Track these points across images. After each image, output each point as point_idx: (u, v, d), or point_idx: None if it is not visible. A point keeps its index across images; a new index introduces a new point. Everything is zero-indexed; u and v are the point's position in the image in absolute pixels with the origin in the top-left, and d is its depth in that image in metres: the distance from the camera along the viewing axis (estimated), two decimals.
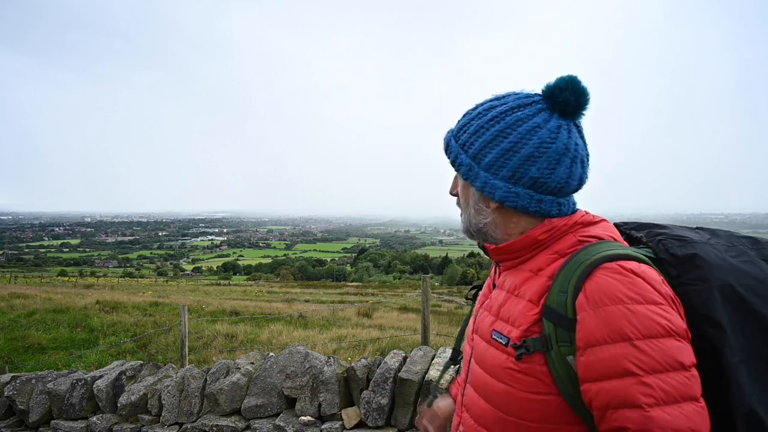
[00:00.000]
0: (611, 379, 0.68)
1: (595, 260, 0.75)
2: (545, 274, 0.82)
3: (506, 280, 0.91)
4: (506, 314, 0.86)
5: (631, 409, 0.66)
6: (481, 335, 0.92)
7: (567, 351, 0.74)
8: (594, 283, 0.73)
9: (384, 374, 2.80)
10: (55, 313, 9.51)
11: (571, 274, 0.77)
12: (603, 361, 0.69)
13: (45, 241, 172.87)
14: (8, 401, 3.51)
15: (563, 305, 0.75)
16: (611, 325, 0.69)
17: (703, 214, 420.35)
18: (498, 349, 0.84)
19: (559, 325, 0.75)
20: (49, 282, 28.61)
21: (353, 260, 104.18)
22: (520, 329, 0.80)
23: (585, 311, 0.72)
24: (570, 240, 0.83)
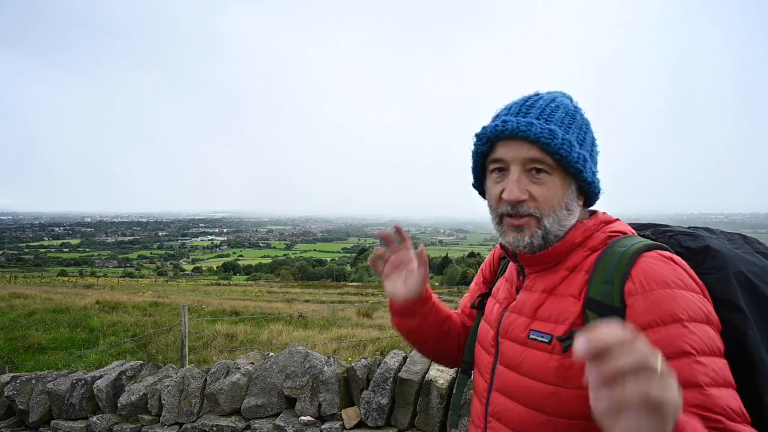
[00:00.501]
0: (669, 360, 0.68)
1: (636, 249, 0.78)
2: (582, 269, 0.84)
3: (536, 282, 0.90)
4: (546, 314, 0.84)
5: (690, 389, 0.66)
6: (512, 338, 0.88)
7: None
8: (640, 269, 0.75)
9: (384, 374, 2.80)
10: (55, 313, 9.51)
11: (613, 264, 0.78)
12: (658, 342, 0.69)
13: (45, 241, 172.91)
14: (8, 401, 3.51)
15: (609, 295, 0.76)
16: (662, 308, 0.71)
17: (703, 214, 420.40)
18: (539, 349, 0.82)
19: (604, 315, 0.76)
20: (49, 282, 28.61)
21: (353, 260, 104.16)
22: (566, 324, 0.80)
23: (634, 296, 0.73)
24: (600, 237, 0.86)
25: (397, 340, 6.61)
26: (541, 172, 0.83)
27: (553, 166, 0.82)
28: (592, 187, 0.86)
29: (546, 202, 0.83)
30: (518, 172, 0.83)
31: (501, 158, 0.85)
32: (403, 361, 2.95)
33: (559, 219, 0.84)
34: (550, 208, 0.83)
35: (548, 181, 0.83)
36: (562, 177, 0.84)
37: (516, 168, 0.83)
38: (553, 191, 0.83)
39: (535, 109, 0.84)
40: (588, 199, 0.90)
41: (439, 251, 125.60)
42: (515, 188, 0.82)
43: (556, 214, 0.84)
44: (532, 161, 0.82)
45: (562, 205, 0.84)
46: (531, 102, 0.86)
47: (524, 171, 0.83)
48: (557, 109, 0.85)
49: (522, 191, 0.82)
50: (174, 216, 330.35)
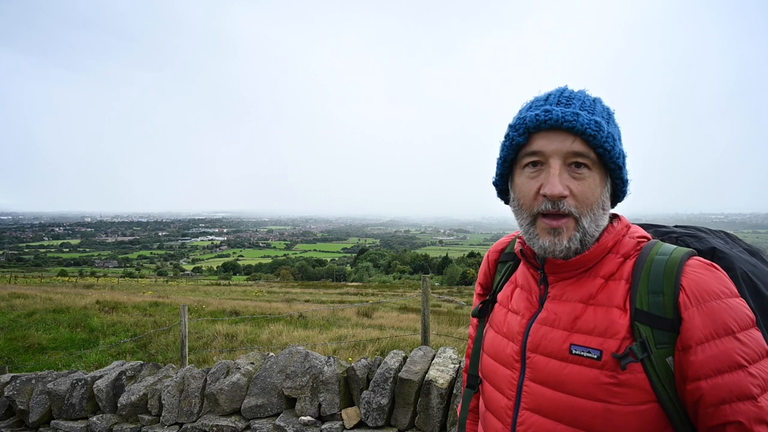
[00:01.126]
0: (724, 374, 0.69)
1: (680, 258, 0.77)
2: (621, 277, 0.80)
3: (566, 291, 0.84)
4: (588, 326, 0.79)
5: (745, 401, 0.68)
6: (548, 353, 0.81)
7: (666, 353, 0.73)
8: (691, 280, 0.74)
9: (384, 374, 2.80)
10: (55, 313, 9.51)
11: (660, 273, 0.76)
12: (715, 357, 0.69)
13: (45, 241, 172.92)
14: (8, 401, 3.51)
15: (660, 306, 0.74)
16: (716, 321, 0.71)
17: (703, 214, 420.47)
18: (584, 365, 0.77)
19: (656, 327, 0.73)
20: (49, 282, 28.61)
21: (353, 260, 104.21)
22: (617, 338, 0.75)
23: (689, 309, 0.72)
24: (630, 242, 0.83)
25: (397, 340, 6.62)
26: (582, 167, 0.77)
27: (594, 161, 0.78)
28: (626, 186, 0.84)
29: (585, 200, 0.78)
30: (559, 165, 0.77)
31: (540, 150, 0.79)
32: (403, 361, 2.95)
33: (596, 218, 0.80)
34: (589, 206, 0.78)
35: (589, 177, 0.78)
36: (601, 174, 0.79)
37: (557, 161, 0.77)
38: (592, 188, 0.78)
39: (576, 101, 0.80)
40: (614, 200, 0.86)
41: (439, 251, 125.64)
42: (558, 182, 0.76)
43: (594, 213, 0.79)
44: (574, 155, 0.77)
45: (600, 204, 0.80)
46: (569, 93, 0.82)
47: (564, 165, 0.78)
48: (597, 102, 0.82)
49: (564, 186, 0.77)
50: (174, 216, 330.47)
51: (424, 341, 4.43)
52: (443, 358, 2.93)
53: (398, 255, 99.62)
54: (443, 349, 3.11)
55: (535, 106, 0.82)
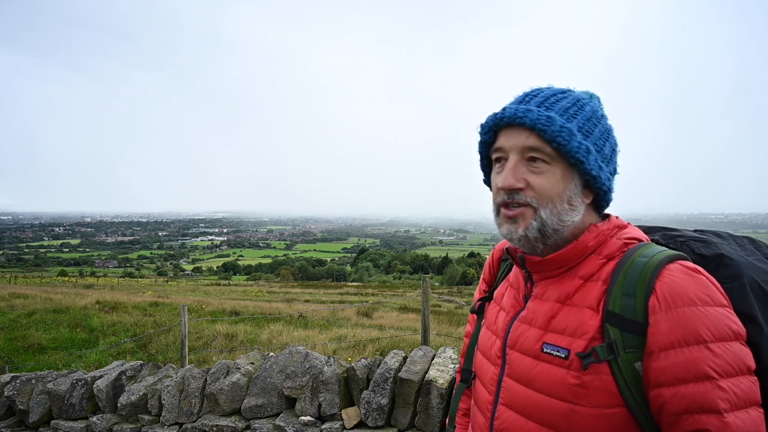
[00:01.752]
0: (688, 383, 0.67)
1: (659, 261, 0.74)
2: (599, 279, 0.79)
3: (547, 290, 0.85)
4: (560, 325, 0.79)
5: (709, 414, 0.65)
6: (523, 351, 0.83)
7: (635, 357, 0.71)
8: (665, 284, 0.71)
9: (384, 374, 2.80)
10: (55, 313, 9.51)
11: (635, 276, 0.74)
12: (679, 365, 0.67)
13: (45, 241, 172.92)
14: (8, 401, 3.51)
15: (632, 309, 0.72)
16: (686, 328, 0.68)
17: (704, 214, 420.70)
18: (554, 364, 0.77)
19: (626, 330, 0.72)
20: (49, 282, 28.61)
21: (353, 260, 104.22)
22: (585, 338, 0.75)
23: (657, 314, 0.70)
24: (616, 243, 0.82)
25: (397, 340, 6.62)
26: (539, 161, 0.79)
27: (552, 156, 0.78)
28: (598, 183, 0.81)
29: (544, 192, 0.79)
30: (516, 159, 0.80)
31: (501, 147, 0.82)
32: (403, 361, 2.95)
33: (558, 212, 0.79)
34: (548, 198, 0.79)
35: (547, 171, 0.79)
36: (563, 168, 0.79)
37: (514, 156, 0.80)
38: (552, 182, 0.79)
39: (538, 98, 0.82)
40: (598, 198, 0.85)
41: (439, 251, 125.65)
42: (510, 175, 0.79)
43: (555, 206, 0.79)
44: (530, 149, 0.79)
45: (563, 199, 0.79)
46: (537, 92, 0.84)
47: (523, 159, 0.80)
48: (563, 99, 0.82)
49: (518, 179, 0.79)
50: (174, 216, 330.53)
51: (424, 341, 4.43)
52: (443, 358, 2.93)
53: (398, 255, 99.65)
54: (443, 349, 3.12)
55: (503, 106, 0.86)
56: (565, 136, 0.77)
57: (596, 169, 0.80)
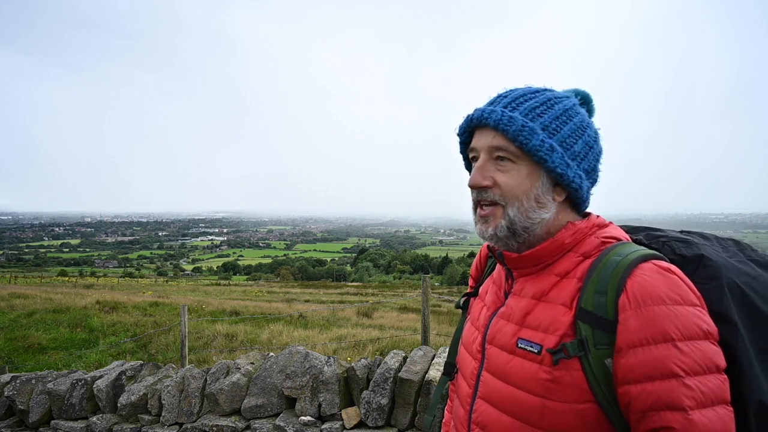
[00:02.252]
0: (654, 381, 0.68)
1: (632, 260, 0.75)
2: (574, 276, 0.80)
3: (525, 286, 0.87)
4: (535, 321, 0.81)
5: (674, 412, 0.66)
6: (500, 346, 0.85)
7: (605, 354, 0.72)
8: (636, 282, 0.72)
9: (384, 374, 2.80)
10: (55, 313, 9.51)
11: (608, 274, 0.75)
12: (646, 363, 0.68)
13: (45, 241, 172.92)
14: (8, 401, 3.51)
15: (602, 306, 0.73)
16: (654, 326, 0.69)
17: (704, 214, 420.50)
18: (527, 359, 0.79)
19: (597, 328, 0.73)
20: (49, 282, 28.61)
21: (353, 260, 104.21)
22: (556, 335, 0.77)
23: (627, 311, 0.71)
24: (593, 242, 0.83)
25: (397, 340, 6.62)
26: (505, 160, 0.82)
27: (517, 154, 0.81)
28: (566, 180, 0.81)
29: (510, 191, 0.81)
30: (484, 158, 0.84)
31: (473, 147, 0.86)
32: (403, 361, 2.95)
33: (525, 210, 0.81)
34: (515, 197, 0.81)
35: (513, 170, 0.82)
36: (529, 167, 0.81)
37: (483, 155, 0.84)
38: (518, 180, 0.81)
39: (506, 99, 0.84)
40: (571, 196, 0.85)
41: (439, 251, 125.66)
42: (477, 174, 0.83)
43: (522, 203, 0.81)
44: (496, 149, 0.82)
45: (530, 197, 0.82)
46: (508, 93, 0.86)
47: (491, 158, 0.83)
48: (531, 99, 0.84)
49: (485, 177, 0.82)
50: (174, 216, 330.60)
51: (424, 341, 4.43)
52: (443, 358, 2.93)
53: (398, 255, 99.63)
54: (443, 349, 3.11)
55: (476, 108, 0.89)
56: (527, 135, 0.79)
57: (562, 166, 0.81)
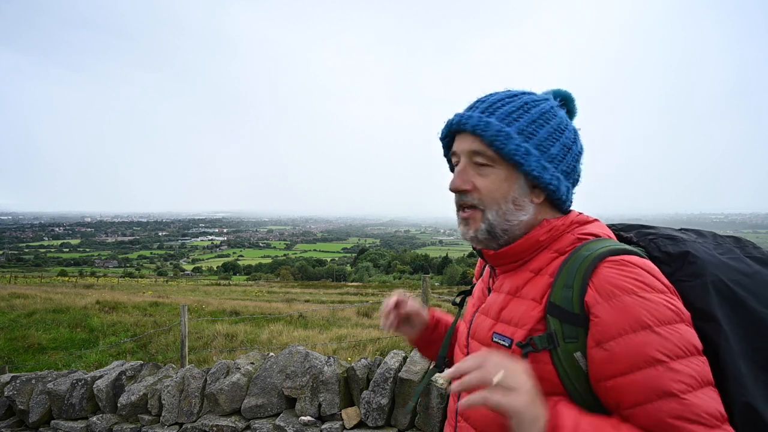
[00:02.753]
0: (641, 370, 0.67)
1: (599, 255, 0.76)
2: (546, 272, 0.82)
3: (504, 283, 0.89)
4: (508, 316, 0.83)
5: (666, 398, 0.65)
6: (479, 340, 0.88)
7: (574, 347, 0.74)
8: (601, 276, 0.73)
9: (384, 374, 2.80)
10: (55, 313, 9.51)
11: (575, 269, 0.77)
12: (627, 353, 0.67)
13: (45, 241, 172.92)
14: (8, 401, 3.51)
15: (569, 301, 0.75)
16: (628, 315, 0.69)
17: (704, 214, 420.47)
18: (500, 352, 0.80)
19: (565, 322, 0.75)
20: (49, 282, 28.60)
21: (353, 260, 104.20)
22: (525, 329, 0.79)
23: (598, 305, 0.72)
24: (569, 238, 0.84)
25: (398, 340, 6.62)
26: (484, 165, 0.84)
27: (494, 158, 0.83)
28: (543, 182, 0.83)
29: (489, 194, 0.83)
30: (464, 163, 0.85)
31: (455, 151, 0.88)
32: (403, 361, 2.95)
33: (504, 213, 0.83)
34: (494, 200, 0.83)
35: (491, 174, 0.83)
36: (507, 170, 0.83)
37: (463, 160, 0.86)
38: (496, 184, 0.83)
39: (484, 104, 0.86)
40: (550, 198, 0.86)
41: (439, 251, 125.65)
42: (457, 178, 0.85)
43: (500, 207, 0.83)
44: (474, 153, 0.84)
45: (508, 199, 0.83)
46: (486, 98, 0.88)
47: (470, 163, 0.85)
48: (509, 103, 0.85)
49: (465, 181, 0.84)
50: (174, 216, 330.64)
51: None
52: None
53: (398, 255, 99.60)
54: None
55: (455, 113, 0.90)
56: (502, 140, 0.81)
57: (538, 169, 0.82)
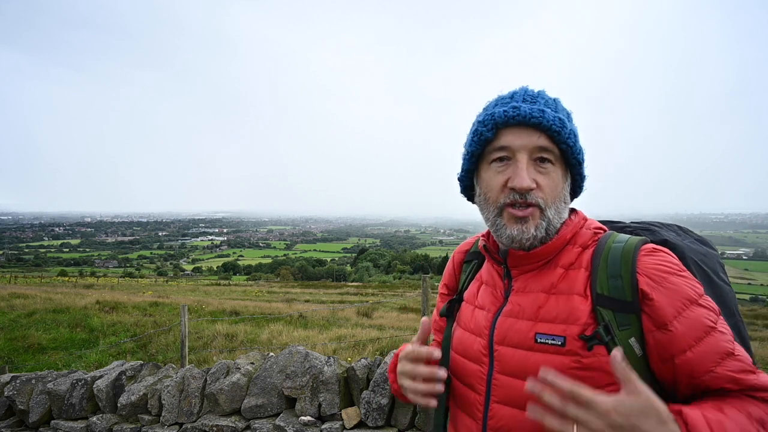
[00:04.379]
0: (703, 339, 0.73)
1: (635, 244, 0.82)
2: (580, 266, 0.84)
3: (528, 283, 0.87)
4: (551, 314, 0.81)
5: (728, 359, 0.72)
6: (514, 344, 0.83)
7: (628, 334, 0.77)
8: (647, 264, 0.79)
9: (384, 374, 2.80)
10: (55, 313, 9.50)
11: (617, 259, 0.81)
12: (691, 326, 0.74)
13: (45, 241, 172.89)
14: (8, 401, 3.51)
15: (620, 290, 0.78)
16: (680, 293, 0.76)
17: (703, 214, 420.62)
18: (549, 352, 0.79)
19: (618, 311, 0.77)
20: (49, 282, 28.60)
21: (353, 260, 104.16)
22: (578, 324, 0.78)
23: (654, 289, 0.76)
24: (587, 234, 0.88)
25: (397, 340, 6.61)
26: (546, 162, 0.82)
27: (557, 157, 0.83)
28: (583, 183, 0.90)
29: (551, 193, 0.83)
30: (526, 160, 0.81)
31: (507, 146, 0.83)
32: None
33: (558, 210, 0.85)
34: (553, 199, 0.83)
35: (552, 172, 0.83)
36: (563, 169, 0.85)
37: (524, 156, 0.82)
38: (556, 182, 0.83)
39: (540, 99, 0.84)
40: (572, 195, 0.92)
41: (439, 251, 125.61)
42: (526, 176, 0.80)
43: (557, 205, 0.84)
44: (540, 150, 0.82)
45: (562, 198, 0.85)
46: (533, 92, 0.86)
47: (530, 160, 0.82)
48: (557, 102, 0.87)
49: (532, 180, 0.81)
50: (174, 216, 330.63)
51: None
52: None
53: (398, 255, 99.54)
54: None
55: (501, 103, 0.86)
56: (573, 139, 0.83)
57: (584, 169, 0.89)
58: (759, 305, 28.12)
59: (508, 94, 0.87)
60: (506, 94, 0.88)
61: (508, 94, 0.87)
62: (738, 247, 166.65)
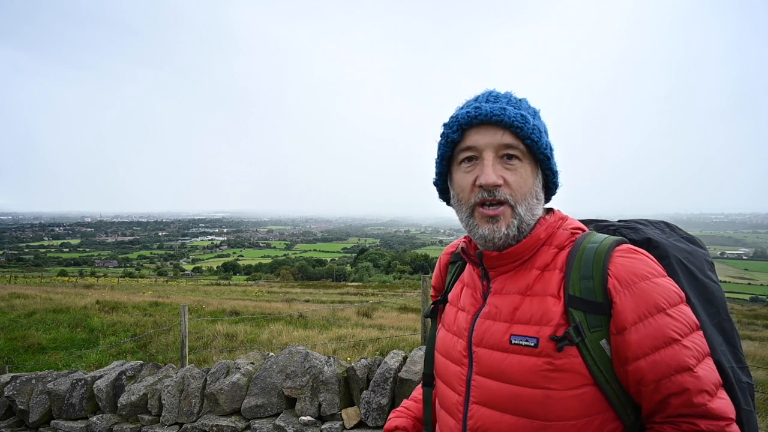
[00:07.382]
0: (660, 350, 0.73)
1: (609, 245, 0.82)
2: (555, 267, 0.84)
3: (506, 284, 0.88)
4: (525, 316, 0.82)
5: (683, 373, 0.72)
6: (490, 346, 0.85)
7: (600, 335, 0.77)
8: (618, 265, 0.79)
9: (384, 374, 2.80)
10: (55, 313, 9.50)
11: (589, 261, 0.80)
12: (650, 335, 0.73)
13: (45, 241, 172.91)
14: (8, 401, 3.51)
15: (591, 291, 0.78)
16: (646, 300, 0.75)
17: (703, 214, 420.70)
18: (523, 353, 0.80)
19: (589, 312, 0.78)
20: (49, 282, 28.59)
21: (353, 260, 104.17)
22: (551, 325, 0.79)
23: (619, 292, 0.76)
24: (563, 234, 0.88)
25: (397, 340, 6.61)
26: (513, 159, 0.84)
27: (524, 153, 0.84)
28: (556, 178, 0.89)
29: (519, 189, 0.83)
30: (492, 157, 0.83)
31: (473, 145, 0.85)
32: (403, 361, 2.95)
33: (530, 207, 0.85)
34: (523, 195, 0.84)
35: (520, 168, 0.84)
36: (531, 165, 0.85)
37: (489, 154, 0.83)
38: (524, 178, 0.84)
39: (503, 98, 0.86)
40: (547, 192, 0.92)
41: (439, 251, 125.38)
42: (491, 172, 0.82)
43: (528, 201, 0.85)
44: (505, 147, 0.83)
45: (533, 194, 0.86)
46: (497, 93, 0.88)
47: (497, 157, 0.84)
48: (523, 101, 0.88)
49: (498, 176, 0.82)
50: (174, 216, 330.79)
51: (424, 341, 4.43)
52: None
53: (398, 255, 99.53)
54: None
55: (466, 105, 0.89)
56: (537, 134, 0.83)
57: (555, 165, 0.88)
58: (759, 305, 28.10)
59: (473, 97, 0.90)
60: (471, 98, 0.90)
61: (473, 97, 0.90)
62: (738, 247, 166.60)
